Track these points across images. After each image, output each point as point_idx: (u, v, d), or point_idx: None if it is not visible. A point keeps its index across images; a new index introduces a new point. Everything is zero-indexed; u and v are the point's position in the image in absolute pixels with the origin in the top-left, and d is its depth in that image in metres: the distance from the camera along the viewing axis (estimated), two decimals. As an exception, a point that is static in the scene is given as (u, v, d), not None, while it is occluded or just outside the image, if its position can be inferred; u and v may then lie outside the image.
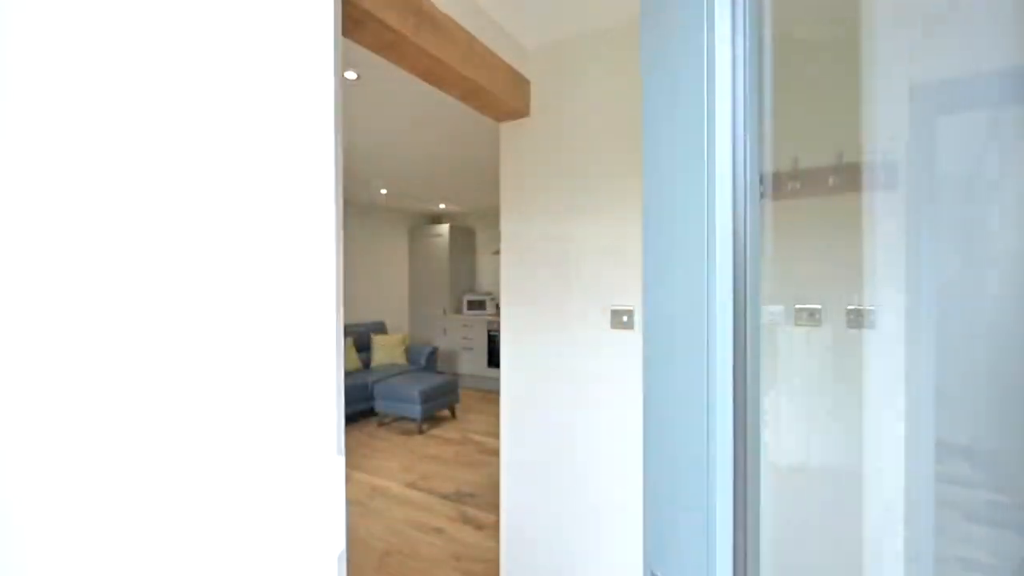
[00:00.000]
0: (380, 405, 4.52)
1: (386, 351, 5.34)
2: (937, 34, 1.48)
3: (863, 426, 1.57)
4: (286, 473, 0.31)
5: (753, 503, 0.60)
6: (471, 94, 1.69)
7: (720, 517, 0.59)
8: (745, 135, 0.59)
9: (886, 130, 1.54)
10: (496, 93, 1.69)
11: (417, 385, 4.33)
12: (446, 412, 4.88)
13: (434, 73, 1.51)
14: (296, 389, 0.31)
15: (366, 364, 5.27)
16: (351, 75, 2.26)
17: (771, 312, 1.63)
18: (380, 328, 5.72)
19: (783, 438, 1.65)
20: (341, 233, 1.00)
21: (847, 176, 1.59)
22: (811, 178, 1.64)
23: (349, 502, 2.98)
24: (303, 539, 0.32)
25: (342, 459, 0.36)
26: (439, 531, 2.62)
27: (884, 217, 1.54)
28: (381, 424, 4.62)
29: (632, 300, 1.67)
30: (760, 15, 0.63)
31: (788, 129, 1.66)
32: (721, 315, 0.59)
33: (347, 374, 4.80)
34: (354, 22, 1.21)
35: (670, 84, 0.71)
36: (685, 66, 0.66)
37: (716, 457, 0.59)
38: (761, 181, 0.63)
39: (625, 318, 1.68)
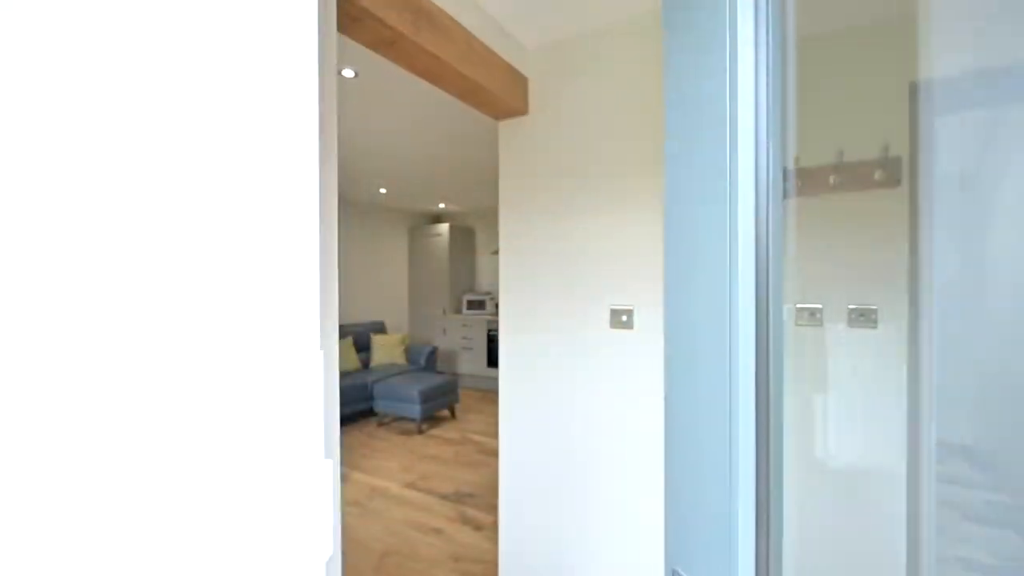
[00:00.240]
0: (379, 405, 4.51)
1: (385, 351, 5.33)
2: (936, 33, 1.47)
3: (865, 426, 1.56)
4: (266, 479, 0.30)
5: (776, 501, 0.60)
6: (470, 92, 1.68)
7: (743, 515, 0.59)
8: (768, 139, 0.59)
9: (887, 129, 1.53)
10: (495, 91, 1.68)
11: (417, 385, 4.32)
12: (446, 412, 4.87)
13: (432, 71, 1.50)
14: (276, 392, 0.30)
15: (365, 364, 5.26)
16: (349, 73, 2.26)
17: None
18: (380, 328, 5.71)
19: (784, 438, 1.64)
20: (334, 230, 0.99)
21: (847, 175, 1.58)
22: (811, 177, 1.63)
23: (348, 503, 2.97)
24: (286, 545, 0.31)
25: (330, 463, 0.35)
26: (438, 532, 2.61)
27: (886, 216, 1.53)
28: (380, 424, 4.61)
29: (631, 300, 1.66)
30: (783, 16, 0.63)
31: (789, 128, 1.65)
32: (744, 318, 0.59)
33: (346, 374, 4.79)
34: (352, 19, 1.20)
35: (692, 88, 0.70)
36: (707, 72, 0.65)
37: (739, 456, 0.60)
38: (785, 179, 0.63)
39: (624, 318, 1.67)
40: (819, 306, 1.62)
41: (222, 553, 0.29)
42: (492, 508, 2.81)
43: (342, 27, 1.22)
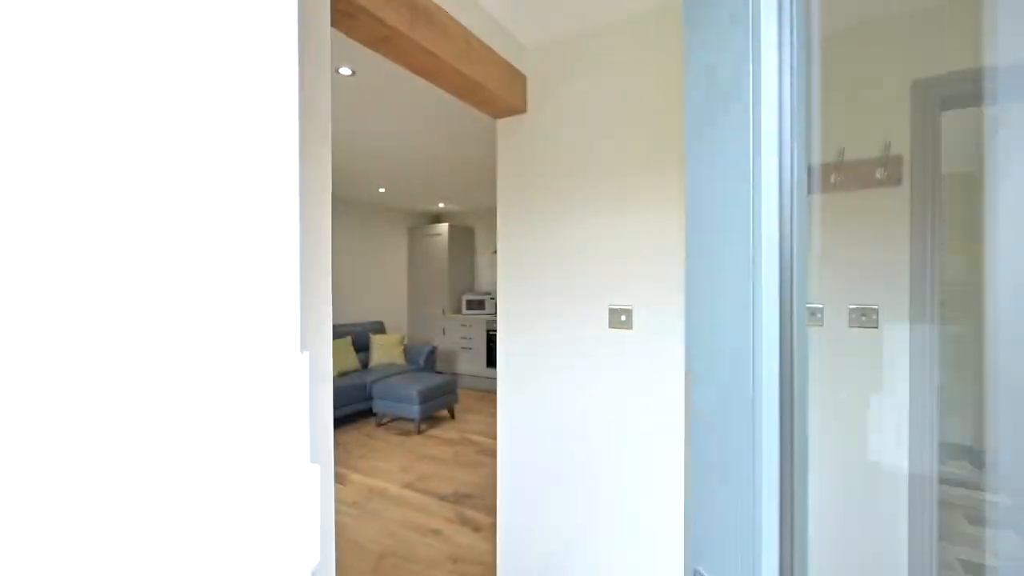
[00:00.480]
0: (378, 405, 4.50)
1: (385, 351, 5.32)
2: (931, 33, 1.46)
3: (866, 426, 1.55)
4: (243, 486, 0.29)
5: (800, 501, 0.60)
6: (468, 90, 1.67)
7: (767, 515, 0.59)
8: (792, 138, 0.58)
9: (888, 127, 1.52)
10: (493, 89, 1.67)
11: (416, 385, 4.31)
12: (445, 412, 4.86)
13: (429, 68, 1.49)
14: (252, 396, 0.29)
15: (364, 364, 5.25)
16: (346, 71, 2.24)
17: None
18: (379, 328, 5.70)
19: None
20: (328, 229, 0.98)
21: (848, 174, 1.56)
22: (812, 176, 1.61)
23: (345, 503, 2.96)
24: (265, 554, 0.30)
25: (317, 468, 0.34)
26: (436, 533, 2.60)
27: (887, 215, 1.52)
28: (379, 424, 4.60)
29: (630, 300, 1.65)
30: (807, 12, 0.62)
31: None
32: (768, 317, 0.59)
33: (345, 374, 4.78)
34: (347, 16, 1.19)
35: (713, 85, 0.70)
36: (730, 69, 0.65)
37: (763, 455, 0.59)
38: (809, 175, 0.62)
39: (623, 317, 1.66)
40: (820, 306, 1.61)
41: (191, 564, 0.27)
42: (491, 509, 2.80)
43: (336, 23, 1.20)
